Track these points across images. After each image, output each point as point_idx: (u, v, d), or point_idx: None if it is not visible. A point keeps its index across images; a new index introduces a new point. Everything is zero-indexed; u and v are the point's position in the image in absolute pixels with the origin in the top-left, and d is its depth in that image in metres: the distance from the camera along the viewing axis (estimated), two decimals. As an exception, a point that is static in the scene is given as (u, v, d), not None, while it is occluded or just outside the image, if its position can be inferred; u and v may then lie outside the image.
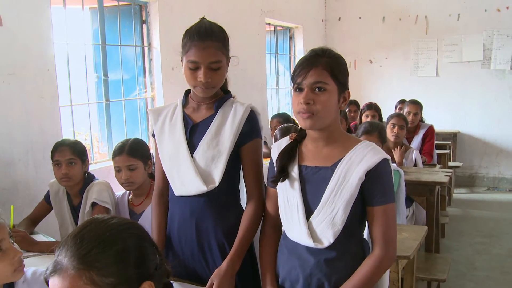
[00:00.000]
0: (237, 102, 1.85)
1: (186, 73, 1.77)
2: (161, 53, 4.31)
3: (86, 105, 3.89)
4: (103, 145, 4.18)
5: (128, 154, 2.39)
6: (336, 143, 1.59)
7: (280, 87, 6.85)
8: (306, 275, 1.57)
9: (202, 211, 1.80)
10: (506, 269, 4.05)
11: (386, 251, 1.50)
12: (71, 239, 1.00)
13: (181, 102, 1.91)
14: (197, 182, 1.76)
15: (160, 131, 1.88)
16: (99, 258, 0.97)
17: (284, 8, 6.45)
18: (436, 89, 6.94)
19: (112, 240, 1.00)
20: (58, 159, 2.50)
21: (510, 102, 6.61)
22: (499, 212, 5.74)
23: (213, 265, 1.80)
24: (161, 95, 4.37)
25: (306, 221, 1.55)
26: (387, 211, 1.51)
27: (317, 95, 1.50)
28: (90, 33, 4.04)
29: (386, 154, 1.54)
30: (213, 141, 1.78)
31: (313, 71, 1.50)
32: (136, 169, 2.39)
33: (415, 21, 7.02)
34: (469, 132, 6.90)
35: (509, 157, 6.75)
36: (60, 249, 1.01)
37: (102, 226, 1.02)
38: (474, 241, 4.70)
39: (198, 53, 1.70)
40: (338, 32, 7.61)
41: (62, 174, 2.48)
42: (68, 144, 2.57)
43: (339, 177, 1.52)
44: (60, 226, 2.69)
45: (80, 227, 1.03)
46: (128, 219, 1.13)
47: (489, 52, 6.61)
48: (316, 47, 1.60)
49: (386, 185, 1.53)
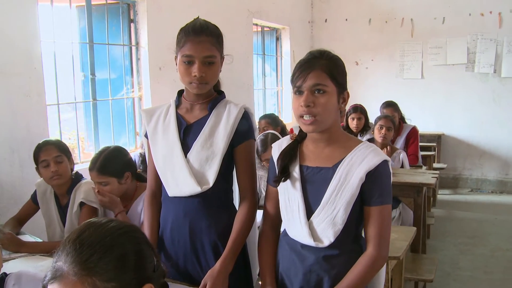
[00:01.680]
0: (230, 103, 1.85)
1: (180, 69, 1.76)
2: (149, 53, 4.28)
3: (72, 104, 3.85)
4: (89, 144, 4.14)
5: (97, 172, 2.33)
6: (336, 143, 1.61)
7: (267, 88, 6.86)
8: (306, 271, 1.59)
9: (196, 212, 1.80)
10: (489, 268, 4.11)
11: (379, 250, 1.53)
12: (70, 244, 0.98)
13: (174, 102, 1.90)
14: (191, 183, 1.76)
15: (153, 131, 1.87)
16: (100, 264, 0.96)
17: (271, 9, 6.46)
18: (421, 91, 7.02)
19: (113, 245, 0.99)
20: (45, 159, 2.46)
21: (493, 105, 6.71)
22: (482, 213, 5.83)
23: (206, 265, 1.79)
24: (149, 95, 4.34)
25: (307, 221, 1.57)
26: (383, 211, 1.54)
27: (317, 98, 1.52)
28: (77, 31, 4.00)
29: (387, 156, 1.57)
30: (207, 142, 1.78)
31: (312, 74, 1.52)
32: (107, 185, 2.34)
33: (401, 24, 7.09)
34: (453, 134, 7.00)
35: (492, 159, 6.86)
36: (59, 255, 0.98)
37: (102, 230, 1.00)
38: (458, 241, 4.76)
39: (193, 47, 1.71)
40: (324, 34, 7.65)
41: (52, 173, 2.45)
42: (53, 143, 2.55)
43: (340, 177, 1.54)
44: (47, 226, 2.65)
45: (78, 232, 1.01)
46: (126, 222, 1.11)
47: (473, 55, 6.71)
48: (314, 50, 1.61)
49: (384, 186, 1.55)
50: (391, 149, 4.11)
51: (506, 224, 5.34)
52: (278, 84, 7.13)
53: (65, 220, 2.54)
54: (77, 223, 2.46)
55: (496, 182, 6.87)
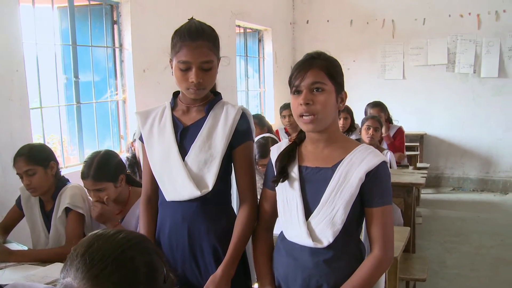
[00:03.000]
0: (228, 104, 1.81)
1: (176, 74, 1.71)
2: (132, 55, 4.22)
3: (54, 107, 3.76)
4: (73, 148, 4.04)
5: (93, 179, 2.25)
6: (335, 144, 1.61)
7: (250, 89, 6.84)
8: (305, 276, 1.57)
9: (195, 216, 1.75)
10: (476, 266, 4.16)
11: (385, 251, 1.53)
12: (79, 258, 0.92)
13: (169, 104, 1.85)
14: (189, 187, 1.71)
15: (148, 134, 1.82)
16: (112, 278, 0.91)
17: (254, 11, 6.45)
18: (403, 91, 7.10)
19: (124, 258, 0.94)
20: (17, 172, 2.40)
21: (473, 105, 6.82)
22: (465, 211, 5.91)
23: (205, 271, 1.75)
24: (133, 98, 4.28)
25: (305, 221, 1.56)
26: (385, 212, 1.54)
27: (316, 96, 1.52)
28: (58, 33, 3.90)
29: (385, 157, 1.58)
30: (205, 145, 1.74)
31: (310, 73, 1.53)
32: (105, 190, 2.27)
33: (382, 25, 7.15)
34: (435, 133, 7.09)
35: (473, 158, 6.98)
36: (67, 270, 0.93)
37: (111, 243, 0.95)
38: (444, 240, 4.81)
39: (189, 53, 1.66)
40: (306, 35, 7.67)
41: (26, 186, 2.38)
42: (22, 154, 2.39)
43: (339, 177, 1.54)
44: (31, 232, 2.57)
45: (86, 245, 0.95)
46: (134, 232, 1.06)
47: (453, 56, 6.81)
48: (311, 51, 1.61)
49: (385, 187, 1.56)
50: (378, 150, 4.12)
51: (489, 221, 5.42)
52: (261, 86, 7.11)
53: (50, 226, 2.47)
54: (63, 229, 2.40)
55: (477, 180, 6.98)
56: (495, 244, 4.69)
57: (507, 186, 6.79)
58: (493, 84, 6.68)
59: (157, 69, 4.51)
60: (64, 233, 2.39)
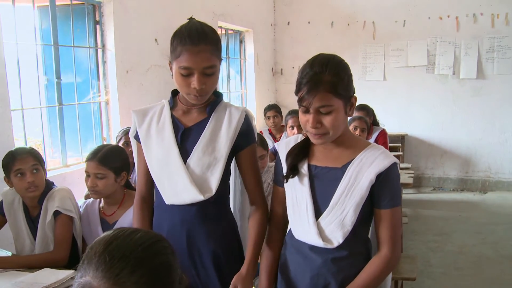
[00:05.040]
0: (231, 106, 1.77)
1: (177, 80, 1.64)
2: (115, 55, 4.14)
3: (34, 109, 3.67)
4: (54, 151, 3.95)
5: (98, 162, 2.24)
6: (345, 144, 1.59)
7: (232, 91, 6.80)
8: (313, 274, 1.58)
9: (194, 220, 1.71)
10: (459, 264, 4.22)
11: (393, 252, 1.54)
12: (97, 257, 0.90)
13: (167, 103, 1.79)
14: (192, 191, 1.66)
15: (146, 134, 1.75)
16: (132, 277, 0.88)
17: (236, 12, 6.42)
18: (384, 93, 7.16)
19: (143, 257, 0.91)
20: (20, 167, 2.28)
21: (453, 106, 6.93)
22: (446, 211, 6.00)
23: (205, 276, 1.72)
24: (116, 99, 4.20)
25: (315, 221, 1.55)
26: (395, 213, 1.55)
27: (324, 117, 1.49)
28: (39, 33, 3.81)
29: (396, 159, 1.56)
30: (209, 147, 1.69)
31: (317, 98, 1.46)
32: (104, 178, 2.24)
33: (363, 27, 7.21)
34: (415, 134, 7.17)
35: (453, 158, 7.08)
36: (84, 269, 0.90)
37: (130, 241, 0.93)
38: (427, 239, 4.87)
39: (191, 59, 1.58)
40: (287, 37, 7.68)
41: (29, 184, 2.28)
42: (29, 151, 2.37)
43: (349, 178, 1.53)
44: (15, 239, 2.47)
45: (104, 243, 0.92)
46: (151, 231, 1.04)
47: (433, 57, 6.91)
48: (316, 60, 1.51)
49: (395, 189, 1.56)
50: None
51: (470, 220, 5.51)
52: (242, 87, 7.09)
53: (36, 232, 2.38)
54: (52, 234, 2.32)
55: (457, 180, 7.09)
56: (477, 243, 4.76)
57: (486, 186, 6.92)
58: (472, 85, 6.80)
59: (141, 70, 4.44)
60: (53, 238, 2.31)
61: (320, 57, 1.53)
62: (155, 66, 4.60)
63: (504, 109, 6.68)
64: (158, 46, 4.64)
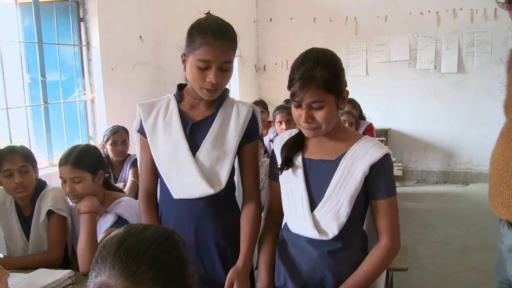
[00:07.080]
0: (238, 102, 1.78)
1: (193, 72, 1.62)
2: (100, 53, 4.09)
3: (19, 108, 3.60)
4: (39, 151, 3.89)
5: (72, 165, 2.13)
6: (338, 137, 1.61)
7: (216, 88, 6.78)
8: (310, 267, 1.59)
9: (202, 214, 1.71)
10: (446, 255, 4.30)
11: (393, 241, 1.56)
12: (112, 255, 0.88)
13: (174, 97, 1.77)
14: (202, 184, 1.66)
15: (152, 128, 1.73)
16: (149, 274, 0.87)
17: (219, 8, 6.37)
18: (367, 88, 7.21)
19: (158, 253, 0.90)
20: (8, 168, 2.24)
21: (435, 100, 7.04)
22: (430, 203, 6.10)
23: (212, 271, 1.72)
24: (102, 97, 4.15)
25: (311, 213, 1.56)
26: (391, 203, 1.57)
27: (316, 112, 1.51)
28: (22, 31, 3.74)
29: (389, 149, 1.59)
30: (218, 141, 1.69)
31: (309, 94, 1.48)
32: (81, 181, 2.14)
33: (345, 22, 7.26)
34: (398, 128, 7.26)
35: (435, 151, 7.19)
36: (99, 268, 0.89)
37: (144, 238, 0.92)
38: (414, 231, 4.94)
39: (212, 52, 1.57)
40: (269, 33, 7.68)
41: (16, 184, 2.24)
42: (18, 151, 2.32)
43: (343, 170, 1.55)
44: (7, 240, 2.41)
45: (117, 241, 0.90)
46: (162, 226, 1.03)
47: (414, 52, 7.00)
48: (309, 56, 1.53)
49: (389, 179, 1.58)
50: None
51: (454, 212, 5.62)
52: (227, 84, 7.07)
53: (29, 233, 2.34)
54: (46, 234, 2.29)
55: (440, 173, 7.21)
56: (462, 233, 4.86)
57: (468, 178, 7.05)
58: (453, 79, 6.92)
59: (126, 68, 4.40)
60: (46, 238, 2.28)
61: (312, 52, 1.54)
62: (140, 64, 4.56)
63: (484, 102, 6.80)
64: (143, 43, 4.60)
